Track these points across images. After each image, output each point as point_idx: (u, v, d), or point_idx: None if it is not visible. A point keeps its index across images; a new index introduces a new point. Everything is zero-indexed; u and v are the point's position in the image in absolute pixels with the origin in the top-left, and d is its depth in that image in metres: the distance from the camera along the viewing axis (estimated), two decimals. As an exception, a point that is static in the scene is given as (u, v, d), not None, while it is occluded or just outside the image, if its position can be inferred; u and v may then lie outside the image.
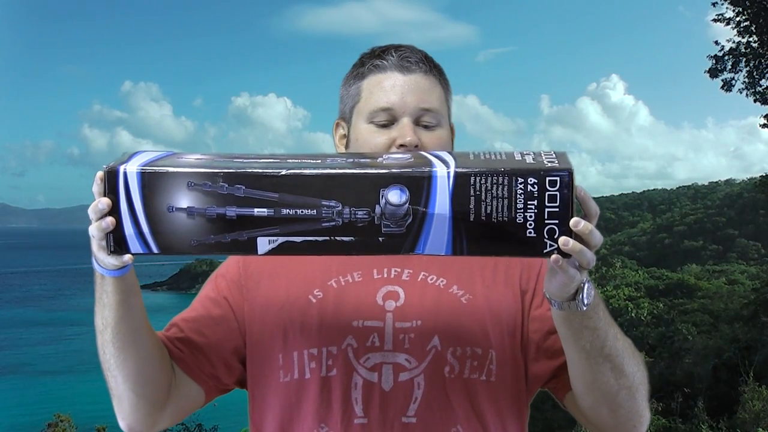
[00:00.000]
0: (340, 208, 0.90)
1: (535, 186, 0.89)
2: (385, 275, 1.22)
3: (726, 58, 17.11)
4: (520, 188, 0.89)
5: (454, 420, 1.15)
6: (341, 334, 1.17)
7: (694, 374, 17.96)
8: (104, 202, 0.93)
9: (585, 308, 1.02)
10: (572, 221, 0.91)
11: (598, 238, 0.93)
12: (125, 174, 0.93)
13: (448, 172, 0.90)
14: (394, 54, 1.23)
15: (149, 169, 0.93)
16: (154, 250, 0.94)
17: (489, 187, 0.89)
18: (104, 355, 1.12)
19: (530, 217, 0.89)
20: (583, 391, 1.14)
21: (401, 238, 0.91)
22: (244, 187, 0.91)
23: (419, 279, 1.22)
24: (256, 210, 0.91)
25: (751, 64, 16.90)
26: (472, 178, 0.89)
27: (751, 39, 16.66)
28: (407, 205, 0.90)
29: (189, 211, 0.92)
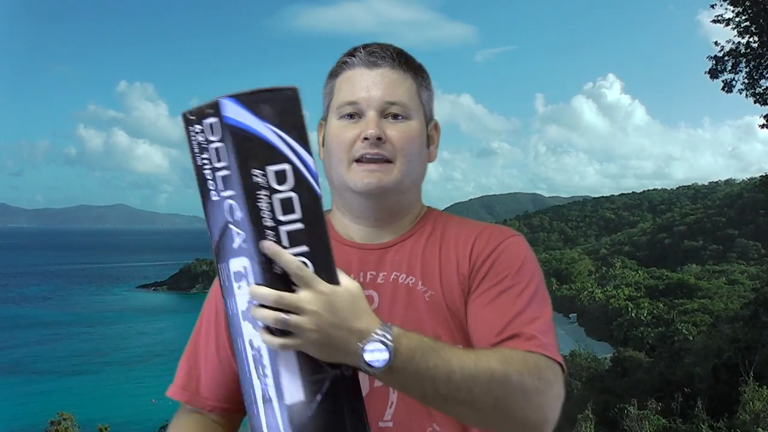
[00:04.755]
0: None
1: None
2: (362, 279, 1.23)
3: (726, 58, 17.06)
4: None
5: (430, 419, 1.17)
6: None
7: (694, 374, 17.95)
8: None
9: (379, 371, 0.96)
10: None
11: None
12: None
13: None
14: (362, 51, 1.25)
15: None
16: None
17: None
18: None
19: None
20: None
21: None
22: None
23: (391, 280, 1.23)
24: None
25: (751, 65, 16.87)
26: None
27: (751, 39, 16.63)
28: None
29: None
